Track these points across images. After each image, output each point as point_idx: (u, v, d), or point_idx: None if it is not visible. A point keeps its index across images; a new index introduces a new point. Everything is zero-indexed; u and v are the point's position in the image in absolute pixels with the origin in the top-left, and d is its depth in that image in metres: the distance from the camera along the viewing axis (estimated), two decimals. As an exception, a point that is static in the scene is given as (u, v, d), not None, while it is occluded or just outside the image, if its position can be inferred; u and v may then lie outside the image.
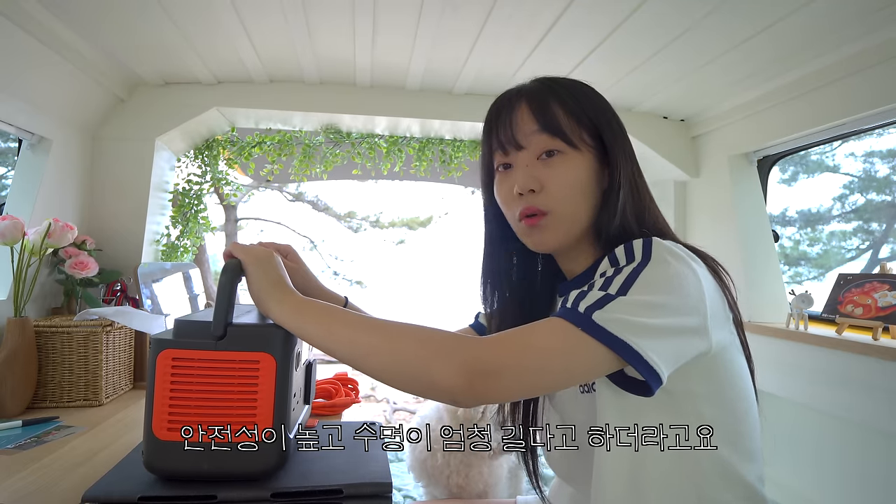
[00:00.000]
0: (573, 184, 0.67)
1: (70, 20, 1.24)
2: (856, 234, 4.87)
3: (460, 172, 2.09)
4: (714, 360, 0.61)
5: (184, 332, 0.65)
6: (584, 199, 0.68)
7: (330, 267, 7.45)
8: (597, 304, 0.55)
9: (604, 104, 0.72)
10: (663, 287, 0.56)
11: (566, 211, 0.67)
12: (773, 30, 1.24)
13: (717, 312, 0.61)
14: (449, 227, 7.99)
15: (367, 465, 0.73)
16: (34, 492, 0.71)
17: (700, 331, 0.57)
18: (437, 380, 0.54)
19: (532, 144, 0.68)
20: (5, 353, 1.05)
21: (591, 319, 0.54)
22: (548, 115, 0.67)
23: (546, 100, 0.68)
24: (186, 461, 0.63)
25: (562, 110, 0.68)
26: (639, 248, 0.59)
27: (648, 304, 0.55)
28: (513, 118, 0.69)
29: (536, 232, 0.69)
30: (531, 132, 0.68)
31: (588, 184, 0.68)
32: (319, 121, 1.91)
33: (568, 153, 0.67)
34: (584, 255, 0.72)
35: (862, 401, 1.32)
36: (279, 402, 0.65)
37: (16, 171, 1.41)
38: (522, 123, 0.69)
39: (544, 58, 1.49)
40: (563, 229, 0.68)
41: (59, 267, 1.40)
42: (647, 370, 0.53)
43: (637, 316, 0.54)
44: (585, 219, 0.69)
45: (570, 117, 0.68)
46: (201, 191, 1.93)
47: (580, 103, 0.69)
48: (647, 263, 0.57)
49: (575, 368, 0.55)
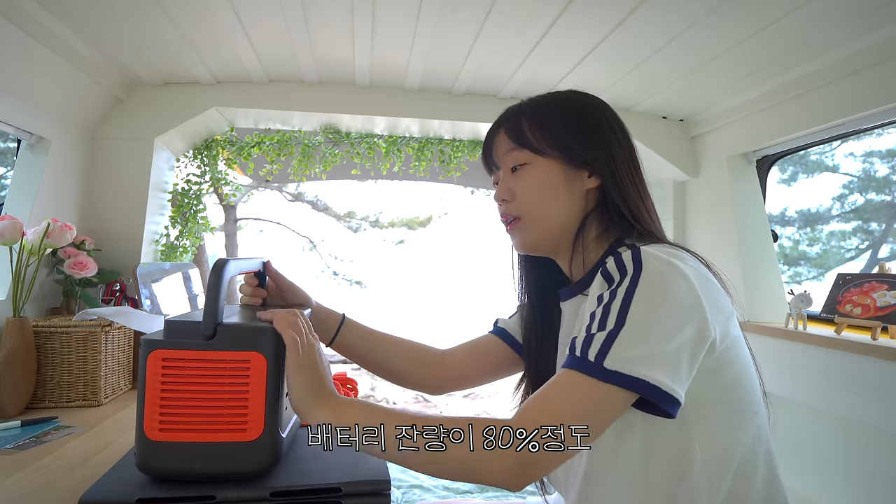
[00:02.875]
0: (538, 189, 0.73)
1: (69, 20, 1.24)
2: (855, 233, 4.88)
3: (459, 172, 2.09)
4: (720, 359, 0.61)
5: (174, 333, 0.65)
6: (553, 201, 0.72)
7: (329, 267, 7.46)
8: (604, 348, 0.56)
9: (577, 106, 0.75)
10: (660, 306, 0.57)
11: (535, 214, 0.73)
12: (772, 29, 1.24)
13: (720, 307, 0.61)
14: (448, 227, 8.00)
15: (365, 463, 0.73)
16: (34, 492, 0.71)
17: (703, 335, 0.58)
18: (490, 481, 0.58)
19: (505, 161, 0.76)
20: (4, 354, 1.05)
21: (604, 367, 0.55)
22: (518, 132, 0.74)
23: (517, 118, 0.75)
24: (178, 461, 0.63)
25: (528, 123, 0.74)
26: (629, 259, 0.60)
27: (649, 328, 0.56)
28: (493, 143, 0.78)
29: (514, 235, 0.77)
30: (506, 151, 0.75)
31: (556, 186, 0.72)
32: (318, 121, 1.91)
33: (534, 162, 0.73)
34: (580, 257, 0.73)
35: (860, 400, 1.32)
36: (270, 402, 0.65)
37: (15, 171, 1.41)
38: (500, 146, 0.77)
39: (543, 58, 1.49)
40: (536, 230, 0.74)
41: (57, 267, 1.40)
42: (667, 399, 0.55)
43: (642, 346, 0.55)
44: (560, 220, 0.72)
45: (535, 127, 0.73)
46: (200, 191, 1.93)
47: (546, 115, 0.74)
48: (638, 278, 0.58)
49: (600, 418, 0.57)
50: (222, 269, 0.65)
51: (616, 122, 0.75)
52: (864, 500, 1.34)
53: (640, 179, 0.73)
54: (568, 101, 0.76)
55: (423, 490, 1.67)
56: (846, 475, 1.39)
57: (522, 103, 0.78)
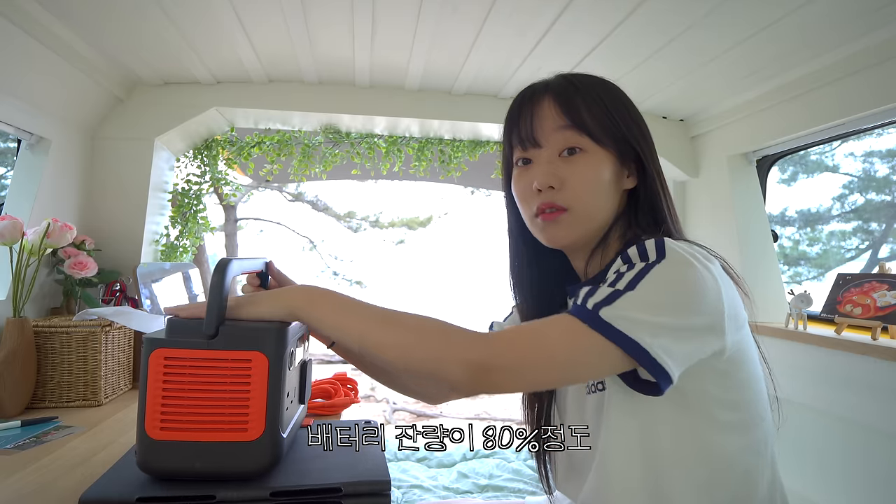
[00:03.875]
0: (595, 182, 0.67)
1: (70, 21, 1.24)
2: (855, 233, 4.88)
3: (459, 172, 2.09)
4: (730, 362, 0.60)
5: (176, 332, 0.65)
6: (604, 199, 0.68)
7: (330, 267, 7.46)
8: (605, 301, 0.55)
9: (629, 103, 0.71)
10: (676, 285, 0.55)
11: (585, 209, 0.67)
12: (772, 30, 1.24)
13: (735, 313, 0.60)
14: (448, 227, 8.00)
15: (365, 463, 0.73)
16: (33, 492, 0.71)
17: (715, 330, 0.56)
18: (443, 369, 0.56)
19: (554, 141, 0.67)
20: (4, 354, 1.05)
21: (599, 316, 0.54)
22: (573, 111, 0.67)
23: (572, 96, 0.67)
24: (179, 460, 0.63)
25: (587, 107, 0.67)
26: (651, 247, 0.58)
27: (659, 302, 0.54)
28: (535, 113, 0.68)
29: (552, 227, 0.68)
30: (556, 128, 0.67)
31: (610, 183, 0.68)
32: (318, 121, 1.91)
33: (591, 151, 0.67)
34: (599, 256, 0.70)
35: (861, 400, 1.32)
36: (272, 402, 0.65)
37: (15, 171, 1.41)
38: (547, 119, 0.68)
39: (543, 57, 1.49)
40: (580, 227, 0.68)
41: (58, 267, 1.40)
42: (657, 369, 0.53)
43: (647, 313, 0.54)
44: (602, 218, 0.69)
45: (595, 115, 0.67)
46: (200, 191, 1.93)
47: (605, 101, 0.68)
48: (660, 261, 0.56)
49: (580, 365, 0.55)
50: (225, 268, 0.65)
51: (645, 122, 0.72)
52: (864, 500, 1.34)
53: (665, 183, 0.71)
54: (616, 91, 0.71)
55: (423, 490, 1.67)
56: (846, 475, 1.39)
57: (571, 78, 0.70)
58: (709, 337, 0.56)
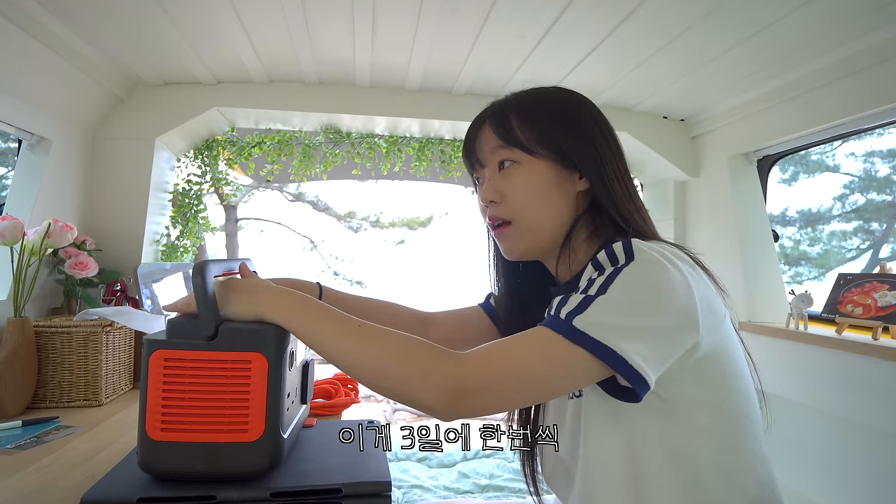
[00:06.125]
0: (530, 191, 0.69)
1: (70, 20, 1.24)
2: (856, 233, 4.87)
3: (460, 172, 2.09)
4: (709, 361, 0.59)
5: (176, 333, 0.65)
6: (548, 205, 0.69)
7: (330, 267, 7.46)
8: (577, 309, 0.55)
9: (568, 107, 0.72)
10: (645, 286, 0.55)
11: (527, 218, 0.70)
12: (773, 29, 1.24)
13: (712, 310, 0.59)
14: (449, 227, 7.99)
15: (366, 463, 0.73)
16: (34, 491, 0.71)
17: (688, 329, 0.56)
18: (417, 396, 0.55)
19: (493, 159, 0.72)
20: (5, 354, 1.05)
21: (572, 325, 0.54)
22: (506, 129, 0.70)
23: (504, 113, 0.72)
24: (180, 461, 0.63)
25: (518, 121, 0.70)
26: (620, 250, 0.58)
27: (629, 302, 0.54)
28: (477, 137, 0.74)
29: (503, 240, 0.73)
30: (492, 148, 0.72)
31: (549, 188, 0.69)
32: (319, 121, 1.91)
33: (524, 162, 0.70)
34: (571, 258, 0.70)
35: (861, 401, 1.32)
36: (272, 402, 0.65)
37: (15, 171, 1.41)
38: (486, 142, 0.72)
39: (544, 58, 1.49)
40: (528, 236, 0.70)
41: (58, 267, 1.40)
42: (634, 376, 0.53)
43: (618, 317, 0.54)
44: (553, 224, 0.70)
45: (525, 128, 0.70)
46: (201, 191, 1.93)
47: (536, 110, 0.71)
48: (629, 263, 0.56)
49: (558, 379, 0.55)
50: (204, 269, 0.65)
51: (603, 122, 0.72)
52: (864, 500, 1.34)
53: (628, 180, 0.71)
54: (556, 99, 0.73)
55: (424, 490, 1.67)
56: (847, 476, 1.39)
57: (508, 98, 0.74)
58: (682, 336, 0.56)
